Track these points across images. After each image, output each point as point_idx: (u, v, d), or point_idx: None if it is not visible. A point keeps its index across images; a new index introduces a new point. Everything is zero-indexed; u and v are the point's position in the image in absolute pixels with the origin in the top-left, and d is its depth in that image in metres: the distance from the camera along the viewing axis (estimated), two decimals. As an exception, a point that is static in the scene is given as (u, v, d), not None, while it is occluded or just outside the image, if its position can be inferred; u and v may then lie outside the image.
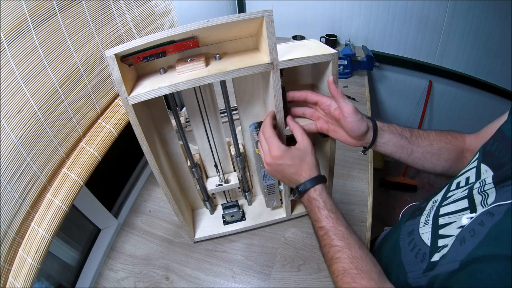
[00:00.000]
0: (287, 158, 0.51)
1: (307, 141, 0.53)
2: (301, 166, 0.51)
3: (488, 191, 0.37)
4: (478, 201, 0.38)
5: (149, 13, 0.88)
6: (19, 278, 0.49)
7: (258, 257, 0.74)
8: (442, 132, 0.57)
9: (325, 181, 0.51)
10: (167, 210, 0.87)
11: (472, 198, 0.39)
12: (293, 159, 0.51)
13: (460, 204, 0.41)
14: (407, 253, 0.46)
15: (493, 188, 0.37)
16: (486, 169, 0.41)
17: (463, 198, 0.41)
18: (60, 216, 0.57)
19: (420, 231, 0.45)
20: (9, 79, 0.48)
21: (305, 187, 0.50)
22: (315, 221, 0.48)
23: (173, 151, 0.69)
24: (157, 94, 0.49)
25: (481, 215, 0.35)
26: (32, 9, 0.52)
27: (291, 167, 0.51)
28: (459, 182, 0.45)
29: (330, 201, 0.49)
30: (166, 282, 0.71)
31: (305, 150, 0.52)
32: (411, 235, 0.48)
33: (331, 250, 0.44)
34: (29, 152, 0.52)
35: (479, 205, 0.37)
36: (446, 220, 0.42)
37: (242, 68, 0.50)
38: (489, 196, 0.37)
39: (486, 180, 0.39)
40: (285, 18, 1.68)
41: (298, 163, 0.51)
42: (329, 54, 0.52)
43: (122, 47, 0.45)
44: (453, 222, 0.40)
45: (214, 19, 0.45)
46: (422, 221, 0.47)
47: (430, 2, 1.39)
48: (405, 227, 0.52)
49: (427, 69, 1.60)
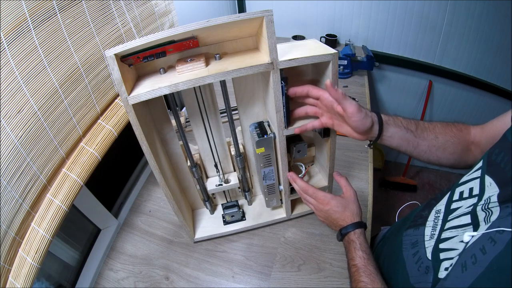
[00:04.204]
0: (333, 205, 0.58)
1: (351, 191, 0.59)
2: (344, 212, 0.57)
3: (493, 209, 0.37)
4: (481, 218, 0.38)
5: (149, 13, 0.88)
6: (19, 278, 0.49)
7: (258, 257, 0.74)
8: (448, 124, 0.57)
9: (365, 227, 0.56)
10: (167, 210, 0.87)
11: (475, 214, 0.39)
12: (338, 206, 0.58)
13: (463, 219, 0.41)
14: (412, 265, 0.47)
15: (498, 207, 0.37)
16: (491, 181, 0.41)
17: (467, 214, 0.41)
18: (60, 216, 0.57)
19: (426, 244, 0.46)
20: (9, 79, 0.48)
21: (347, 230, 0.55)
22: (350, 259, 0.52)
23: (173, 151, 0.69)
24: (157, 94, 0.49)
25: (483, 238, 0.35)
26: (32, 9, 0.52)
27: (336, 213, 0.57)
28: (462, 191, 0.45)
29: (365, 244, 0.53)
30: (166, 282, 0.71)
31: (349, 199, 0.58)
32: (415, 246, 0.48)
33: (358, 285, 0.48)
34: (29, 152, 0.52)
35: (482, 221, 0.38)
36: (448, 234, 0.42)
37: (242, 68, 0.50)
38: (492, 213, 0.37)
39: (491, 198, 0.39)
40: (285, 18, 1.68)
41: (342, 210, 0.57)
42: (329, 54, 0.52)
43: (122, 47, 0.45)
44: (455, 236, 0.40)
45: (214, 19, 0.45)
46: (427, 233, 0.47)
47: (430, 2, 1.39)
48: (407, 236, 0.52)
49: (427, 69, 1.60)
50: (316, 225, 0.79)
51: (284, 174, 0.68)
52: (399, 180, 1.93)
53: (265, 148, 0.64)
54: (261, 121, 0.68)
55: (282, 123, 0.59)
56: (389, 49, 1.61)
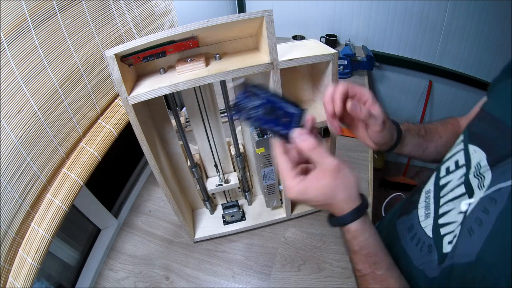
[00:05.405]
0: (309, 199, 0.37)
1: (332, 162, 0.36)
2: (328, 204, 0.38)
3: (484, 173, 0.37)
4: (475, 185, 0.38)
5: (149, 13, 0.88)
6: (19, 278, 0.49)
7: (258, 257, 0.74)
8: (444, 122, 0.59)
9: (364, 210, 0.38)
10: (167, 210, 0.87)
11: (469, 182, 0.39)
12: (316, 198, 0.37)
13: (457, 191, 0.41)
14: (412, 249, 0.46)
15: (489, 171, 0.37)
16: (475, 149, 0.41)
17: (460, 185, 0.41)
18: (60, 216, 0.57)
19: (422, 224, 0.45)
20: (9, 79, 0.48)
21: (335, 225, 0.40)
22: (350, 260, 0.42)
23: (173, 151, 0.69)
24: (157, 94, 0.49)
25: (483, 201, 0.35)
26: (32, 9, 0.52)
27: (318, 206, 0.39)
28: (448, 167, 0.46)
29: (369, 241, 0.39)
30: (166, 282, 0.71)
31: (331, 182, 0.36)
32: (412, 230, 0.47)
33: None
34: (29, 152, 0.52)
35: (476, 188, 0.38)
36: (445, 208, 0.42)
37: (242, 68, 0.50)
38: (485, 178, 0.37)
39: (480, 163, 0.39)
40: (285, 18, 1.68)
41: (322, 201, 0.37)
42: (329, 54, 0.52)
43: (122, 47, 0.45)
44: (452, 209, 0.40)
45: (214, 19, 0.45)
46: (421, 214, 0.47)
47: (430, 2, 1.39)
48: (401, 224, 0.51)
49: (427, 69, 1.60)
50: (316, 225, 0.79)
51: None
52: (399, 180, 1.93)
53: (265, 148, 0.64)
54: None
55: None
56: (389, 49, 1.61)
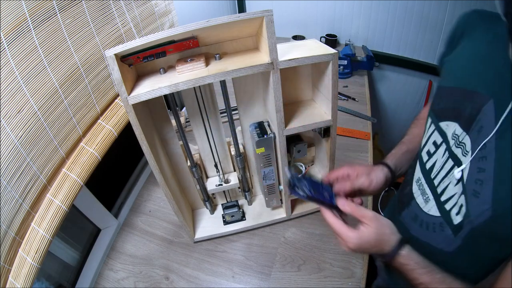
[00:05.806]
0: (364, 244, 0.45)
1: (370, 214, 0.46)
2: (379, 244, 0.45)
3: (464, 140, 0.40)
4: (459, 154, 0.40)
5: (149, 13, 0.88)
6: (19, 278, 0.49)
7: (258, 257, 0.74)
8: (416, 123, 0.63)
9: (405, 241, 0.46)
10: (167, 210, 0.87)
11: (454, 154, 0.42)
12: (369, 242, 0.45)
13: (447, 167, 0.43)
14: (424, 234, 0.47)
15: (466, 136, 0.39)
16: (446, 124, 0.44)
17: (447, 160, 0.43)
18: (60, 216, 0.57)
19: (425, 210, 0.47)
20: (9, 79, 0.48)
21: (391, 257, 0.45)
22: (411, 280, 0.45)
23: (173, 151, 0.69)
24: (157, 94, 0.49)
25: (473, 163, 0.37)
26: (32, 9, 0.52)
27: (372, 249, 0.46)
28: (428, 150, 0.48)
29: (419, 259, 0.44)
30: (166, 282, 0.71)
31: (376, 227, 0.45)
32: (417, 219, 0.49)
33: None
34: (29, 152, 0.52)
35: (462, 156, 0.40)
36: (442, 186, 0.43)
37: (242, 68, 0.50)
38: (466, 144, 0.39)
39: (455, 131, 0.41)
40: (285, 18, 1.68)
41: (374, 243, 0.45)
42: (329, 54, 0.52)
43: (122, 47, 0.45)
44: (448, 184, 0.42)
45: (214, 19, 0.45)
46: (420, 202, 0.49)
47: (430, 2, 1.39)
48: (404, 218, 0.53)
49: (427, 69, 1.60)
50: (316, 225, 0.79)
51: (284, 174, 0.68)
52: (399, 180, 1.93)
53: (265, 148, 0.64)
54: (261, 121, 0.68)
55: (282, 123, 0.59)
56: (389, 49, 1.61)
